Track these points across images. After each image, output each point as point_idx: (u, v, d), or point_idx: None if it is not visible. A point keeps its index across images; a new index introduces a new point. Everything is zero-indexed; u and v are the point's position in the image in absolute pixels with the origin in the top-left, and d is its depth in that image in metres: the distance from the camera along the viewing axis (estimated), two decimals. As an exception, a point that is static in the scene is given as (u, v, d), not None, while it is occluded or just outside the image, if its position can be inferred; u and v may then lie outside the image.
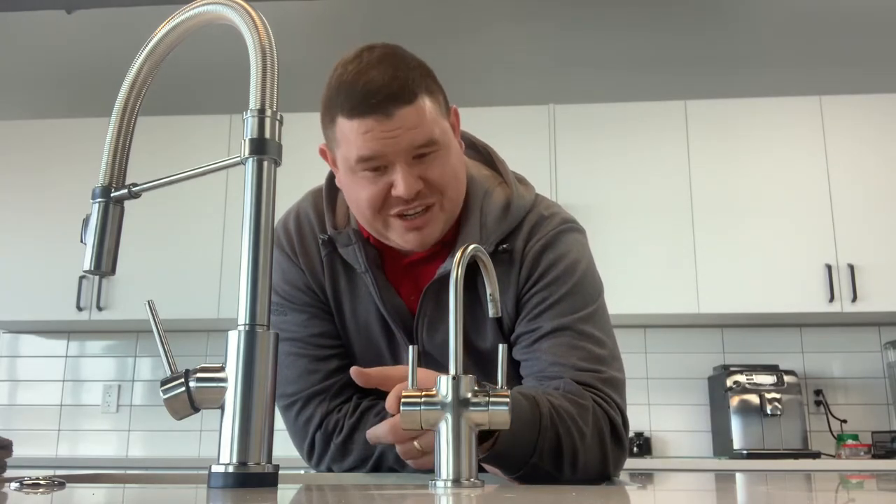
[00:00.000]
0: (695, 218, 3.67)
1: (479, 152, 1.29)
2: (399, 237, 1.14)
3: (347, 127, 1.08)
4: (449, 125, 1.15)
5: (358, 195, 1.12)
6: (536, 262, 1.17)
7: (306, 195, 1.30)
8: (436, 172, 1.11)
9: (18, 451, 1.10)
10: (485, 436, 0.95)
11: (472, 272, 1.14)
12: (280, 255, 1.25)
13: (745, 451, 3.38)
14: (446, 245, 1.19)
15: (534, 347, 1.13)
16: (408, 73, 1.08)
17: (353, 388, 1.23)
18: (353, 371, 1.02)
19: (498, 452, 0.96)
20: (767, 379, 3.48)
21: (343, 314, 1.23)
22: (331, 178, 1.27)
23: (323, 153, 1.21)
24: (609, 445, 1.07)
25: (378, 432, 1.00)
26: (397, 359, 1.22)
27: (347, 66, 1.09)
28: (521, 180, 1.28)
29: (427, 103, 1.09)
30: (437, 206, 1.13)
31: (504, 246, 1.18)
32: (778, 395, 3.44)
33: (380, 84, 1.05)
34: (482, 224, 1.18)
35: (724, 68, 4.15)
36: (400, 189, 1.08)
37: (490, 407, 0.74)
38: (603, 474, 1.07)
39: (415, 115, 1.07)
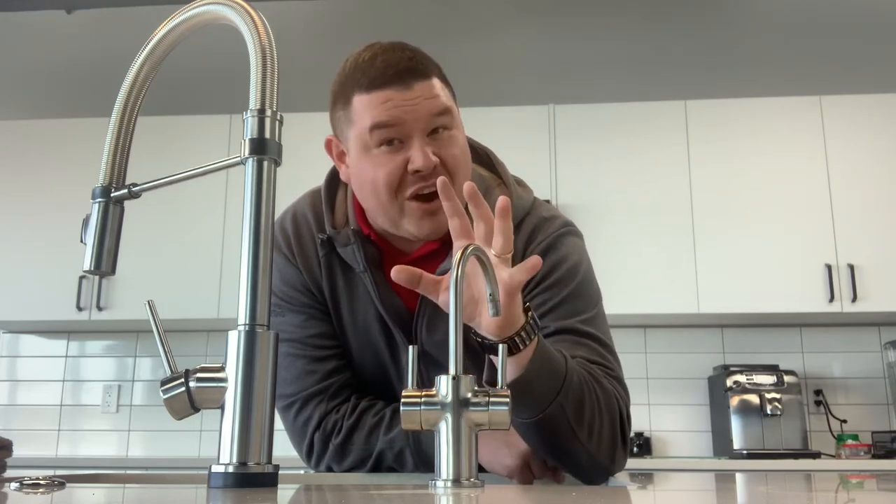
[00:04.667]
0: (695, 218, 3.67)
1: (479, 155, 1.30)
2: (414, 224, 1.13)
3: (366, 100, 1.10)
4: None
5: (374, 175, 1.12)
6: None
7: (303, 196, 1.30)
8: (449, 152, 1.12)
9: (18, 451, 1.10)
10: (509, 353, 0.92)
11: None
12: (277, 256, 1.24)
13: (744, 451, 3.38)
14: (446, 244, 1.19)
15: None
16: (422, 57, 1.13)
17: (351, 389, 1.23)
18: (396, 269, 0.95)
19: (531, 374, 0.94)
20: (767, 379, 3.48)
21: (341, 314, 1.23)
22: (330, 178, 1.27)
23: (328, 145, 1.21)
24: (618, 433, 1.06)
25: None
26: (396, 358, 1.22)
27: (361, 53, 1.14)
28: (520, 183, 1.29)
29: (441, 84, 1.14)
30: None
31: None
32: (778, 395, 3.44)
33: (397, 60, 1.10)
34: None
35: (724, 68, 4.15)
36: (418, 162, 1.09)
37: (490, 407, 0.74)
38: (609, 463, 1.05)
39: (431, 87, 1.11)
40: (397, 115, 1.08)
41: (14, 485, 0.73)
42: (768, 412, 3.41)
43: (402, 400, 0.75)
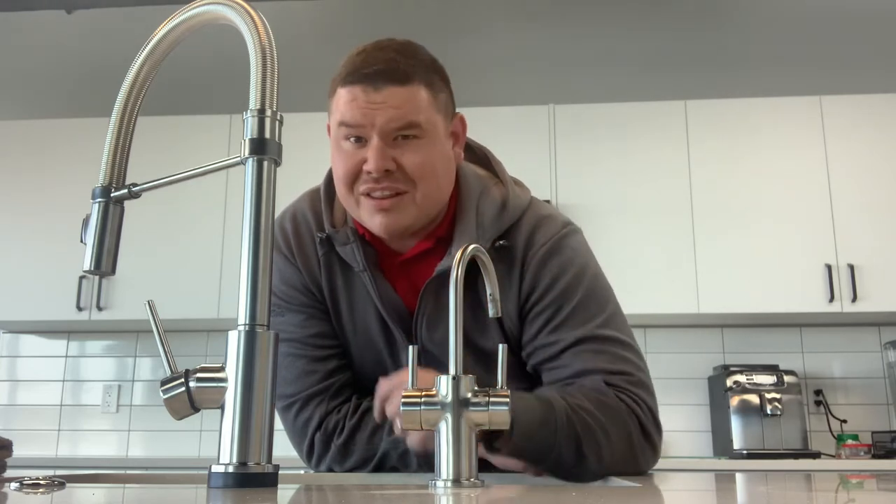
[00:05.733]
0: (695, 218, 3.67)
1: (476, 153, 1.29)
2: (368, 218, 1.14)
3: (340, 94, 1.11)
4: (442, 122, 1.15)
5: (337, 168, 1.14)
6: (543, 271, 1.17)
7: (302, 196, 1.30)
8: (411, 159, 1.10)
9: (18, 451, 1.10)
10: (496, 436, 0.97)
11: (473, 272, 1.13)
12: (277, 256, 1.24)
13: (745, 451, 3.38)
14: (442, 242, 1.19)
15: (559, 357, 1.14)
16: (410, 61, 1.11)
17: (351, 388, 1.23)
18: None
19: (517, 447, 0.98)
20: (767, 379, 3.47)
21: (340, 314, 1.23)
22: (329, 177, 1.27)
23: (329, 130, 1.22)
24: (637, 443, 1.09)
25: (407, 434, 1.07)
26: (396, 357, 1.22)
27: (359, 47, 1.14)
28: (517, 182, 1.29)
29: (422, 93, 1.11)
30: (409, 196, 1.12)
31: (502, 242, 1.17)
32: (778, 395, 3.44)
33: (378, 60, 1.10)
34: (479, 223, 1.18)
35: (724, 68, 4.15)
36: (370, 164, 1.09)
37: (490, 407, 0.74)
38: (632, 468, 1.10)
39: (402, 96, 1.09)
40: (357, 116, 1.09)
41: (14, 485, 0.73)
42: (768, 412, 3.41)
43: (403, 400, 0.75)
